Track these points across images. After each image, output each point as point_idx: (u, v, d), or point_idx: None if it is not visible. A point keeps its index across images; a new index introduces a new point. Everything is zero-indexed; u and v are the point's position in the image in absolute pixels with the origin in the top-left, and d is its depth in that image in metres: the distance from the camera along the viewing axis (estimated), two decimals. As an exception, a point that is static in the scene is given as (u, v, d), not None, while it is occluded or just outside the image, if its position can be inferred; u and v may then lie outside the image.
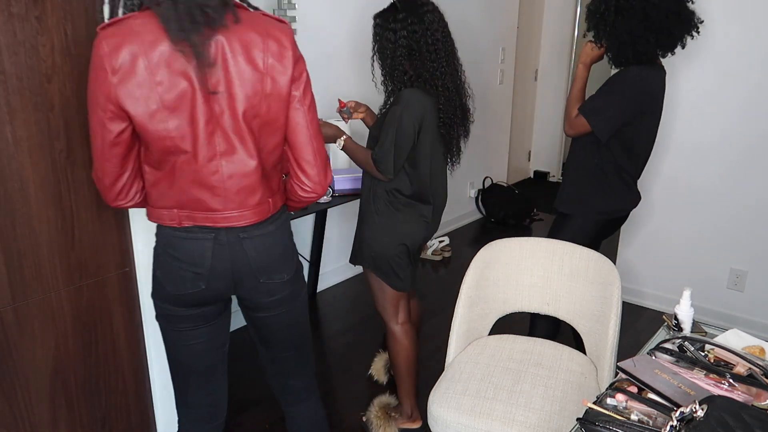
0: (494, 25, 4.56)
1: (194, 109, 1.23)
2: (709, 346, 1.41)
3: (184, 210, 1.33)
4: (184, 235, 1.35)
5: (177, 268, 1.37)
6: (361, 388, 2.60)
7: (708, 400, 1.08)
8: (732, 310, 3.00)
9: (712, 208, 2.98)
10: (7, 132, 1.42)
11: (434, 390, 1.81)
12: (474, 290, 2.01)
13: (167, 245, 1.37)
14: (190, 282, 1.37)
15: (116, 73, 1.18)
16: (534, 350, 1.95)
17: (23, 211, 1.48)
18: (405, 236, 2.04)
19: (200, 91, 1.22)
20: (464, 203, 4.74)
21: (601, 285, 1.92)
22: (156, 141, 1.25)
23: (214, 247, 1.36)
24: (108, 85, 1.19)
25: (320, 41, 3.17)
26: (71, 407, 1.66)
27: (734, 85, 2.83)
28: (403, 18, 1.87)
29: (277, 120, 1.33)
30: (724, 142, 2.90)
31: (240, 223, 1.35)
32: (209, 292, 1.40)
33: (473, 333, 2.04)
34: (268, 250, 1.42)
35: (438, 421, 1.73)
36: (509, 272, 2.09)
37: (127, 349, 1.76)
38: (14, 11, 1.37)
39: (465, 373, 1.84)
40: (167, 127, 1.23)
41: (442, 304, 3.38)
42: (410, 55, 1.89)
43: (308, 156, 1.39)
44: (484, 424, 1.66)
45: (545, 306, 2.07)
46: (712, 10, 2.77)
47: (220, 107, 1.25)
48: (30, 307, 1.53)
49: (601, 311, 1.88)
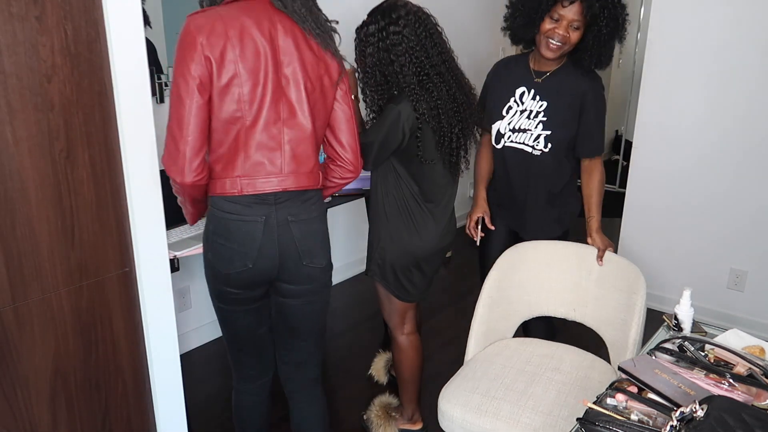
0: (494, 26, 4.55)
1: (266, 77, 1.44)
2: (709, 346, 1.41)
3: (245, 177, 1.47)
4: (236, 217, 1.49)
5: (228, 249, 1.52)
6: (361, 388, 2.60)
7: (708, 400, 1.08)
8: (732, 310, 3.00)
9: (713, 208, 2.98)
10: (7, 132, 1.41)
11: (446, 386, 1.83)
12: (496, 291, 1.99)
13: (217, 228, 1.52)
14: (239, 261, 1.52)
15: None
16: (555, 355, 1.92)
17: (23, 211, 1.47)
18: (416, 247, 1.97)
19: (272, 66, 1.44)
20: (465, 203, 4.74)
21: (626, 292, 1.89)
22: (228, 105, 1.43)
23: (264, 228, 1.50)
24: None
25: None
26: (71, 407, 1.66)
27: (735, 88, 2.83)
28: (380, 29, 1.82)
29: (326, 98, 1.55)
30: (725, 143, 2.90)
31: (295, 187, 1.51)
32: (256, 271, 1.54)
33: (495, 334, 2.02)
34: (312, 234, 1.57)
35: (445, 416, 1.75)
36: (535, 275, 2.06)
37: (127, 349, 1.75)
38: (14, 11, 1.37)
39: (479, 371, 1.84)
40: (242, 91, 1.43)
41: (443, 304, 3.38)
42: (392, 63, 1.82)
43: (349, 137, 1.61)
44: (489, 423, 1.67)
45: (571, 312, 2.04)
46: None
47: (286, 79, 1.47)
48: (30, 307, 1.53)
49: (624, 319, 1.84)
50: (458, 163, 2.02)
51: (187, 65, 1.39)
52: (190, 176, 1.45)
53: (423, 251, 1.99)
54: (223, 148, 1.47)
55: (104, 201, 1.61)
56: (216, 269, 1.56)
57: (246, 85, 1.42)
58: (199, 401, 2.51)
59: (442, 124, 1.87)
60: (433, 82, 1.84)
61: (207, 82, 1.40)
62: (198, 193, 1.54)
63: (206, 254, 1.59)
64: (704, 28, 2.86)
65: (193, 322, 2.91)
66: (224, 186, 1.49)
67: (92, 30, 1.51)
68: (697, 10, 2.87)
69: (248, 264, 1.52)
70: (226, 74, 1.40)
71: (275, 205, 1.51)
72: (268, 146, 1.47)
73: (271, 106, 1.46)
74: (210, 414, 2.43)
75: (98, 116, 1.56)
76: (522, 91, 2.11)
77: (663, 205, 3.13)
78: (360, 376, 2.68)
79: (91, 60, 1.52)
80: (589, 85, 2.06)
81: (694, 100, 2.95)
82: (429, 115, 1.84)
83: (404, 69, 1.82)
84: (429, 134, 1.87)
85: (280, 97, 1.47)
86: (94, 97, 1.54)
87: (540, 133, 2.07)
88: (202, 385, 2.63)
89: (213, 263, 1.56)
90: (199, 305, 2.90)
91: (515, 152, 2.13)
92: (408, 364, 2.17)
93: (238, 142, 1.46)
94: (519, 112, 2.11)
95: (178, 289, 2.77)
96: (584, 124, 2.07)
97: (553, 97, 2.07)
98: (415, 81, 1.82)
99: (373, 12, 1.89)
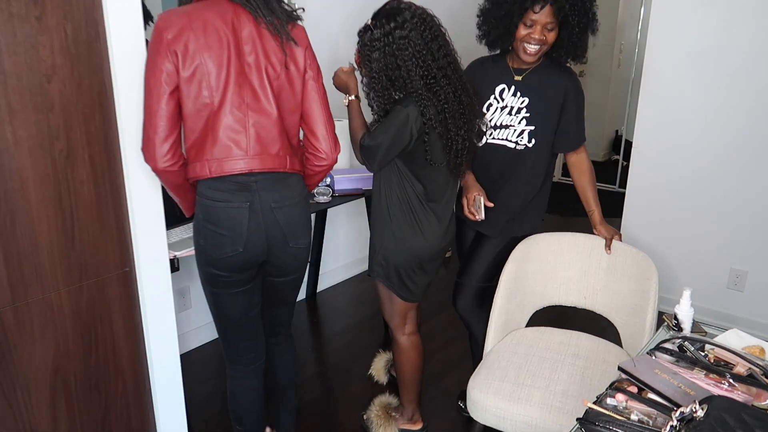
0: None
1: (229, 63, 1.54)
2: (709, 346, 1.41)
3: (214, 161, 1.57)
4: (222, 205, 1.59)
5: (218, 235, 1.61)
6: (361, 388, 2.60)
7: (708, 400, 1.08)
8: (732, 310, 3.00)
9: (713, 208, 2.98)
10: (7, 132, 1.41)
11: (474, 376, 1.88)
12: (513, 282, 2.07)
13: (206, 215, 1.61)
14: (229, 246, 1.61)
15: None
16: (571, 342, 2.01)
17: (23, 211, 1.47)
18: (420, 247, 1.96)
19: (234, 54, 1.54)
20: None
21: (638, 279, 1.97)
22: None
23: (250, 215, 1.60)
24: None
25: (320, 41, 3.17)
26: (71, 407, 1.66)
27: (735, 88, 2.83)
28: (385, 34, 1.80)
29: (293, 85, 1.64)
30: (725, 143, 2.90)
31: (261, 168, 1.59)
32: (246, 255, 1.63)
33: (511, 324, 2.10)
34: (295, 217, 1.69)
35: (477, 406, 1.80)
36: (547, 266, 2.16)
37: (127, 349, 1.75)
38: (14, 11, 1.37)
39: (504, 361, 1.91)
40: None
41: (443, 304, 3.38)
42: (399, 68, 1.80)
43: (318, 125, 1.70)
44: (523, 409, 1.73)
45: (582, 299, 2.14)
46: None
47: (249, 66, 1.56)
48: (30, 307, 1.53)
49: (638, 305, 1.93)
50: (462, 164, 2.00)
51: (154, 59, 1.50)
52: (161, 162, 1.55)
53: (427, 251, 1.98)
54: (195, 134, 1.57)
55: (104, 201, 1.61)
56: (207, 254, 1.64)
57: (212, 72, 1.53)
58: (199, 401, 2.51)
59: (449, 128, 1.86)
60: (440, 85, 1.82)
61: (173, 73, 1.50)
62: (174, 179, 1.62)
63: (198, 241, 1.66)
64: (704, 28, 2.86)
65: (193, 322, 2.91)
66: (195, 170, 1.59)
67: (92, 30, 1.51)
68: (698, 10, 2.87)
69: (238, 248, 1.61)
70: (191, 64, 1.50)
71: (258, 192, 1.61)
72: (234, 129, 1.57)
73: (235, 90, 1.55)
74: (210, 414, 2.43)
75: (98, 116, 1.56)
76: (502, 89, 2.14)
77: (663, 205, 3.13)
78: (360, 376, 2.68)
79: (91, 60, 1.52)
80: (569, 80, 2.10)
81: (694, 100, 2.95)
82: (436, 120, 1.82)
83: (411, 74, 1.79)
84: (436, 138, 1.86)
85: (244, 82, 1.57)
86: (94, 97, 1.54)
87: (524, 128, 2.09)
88: (202, 385, 2.63)
89: (204, 248, 1.64)
90: (199, 305, 2.90)
91: (497, 148, 2.15)
92: (409, 364, 2.17)
93: (207, 127, 1.56)
94: (499, 108, 2.13)
95: (178, 289, 2.77)
96: (566, 119, 2.10)
97: (535, 92, 2.09)
98: (422, 85, 1.81)
99: (376, 15, 1.85)
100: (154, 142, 1.53)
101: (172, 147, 1.56)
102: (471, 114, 1.93)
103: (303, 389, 2.60)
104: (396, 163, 1.92)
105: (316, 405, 2.50)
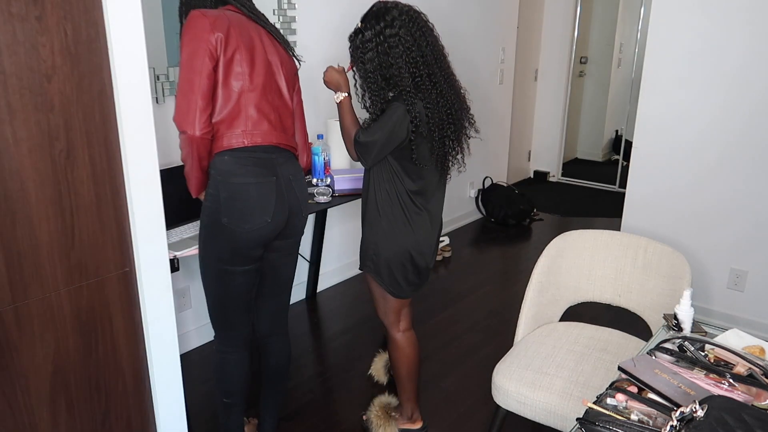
0: (494, 25, 4.55)
1: (260, 58, 1.80)
2: (709, 346, 1.41)
3: (247, 134, 1.76)
4: (253, 180, 1.76)
5: (249, 207, 1.76)
6: (361, 388, 2.60)
7: (708, 400, 1.08)
8: (732, 310, 3.00)
9: (713, 208, 2.98)
10: (7, 132, 1.41)
11: (500, 363, 1.94)
12: (545, 276, 2.11)
13: (234, 193, 1.75)
14: (259, 217, 1.77)
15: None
16: (601, 337, 2.04)
17: (23, 211, 1.47)
18: (410, 244, 1.98)
19: (262, 48, 1.80)
20: (464, 203, 4.74)
21: (672, 279, 2.00)
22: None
23: (276, 188, 1.79)
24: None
25: (320, 41, 3.17)
26: (71, 407, 1.66)
27: (735, 88, 2.83)
28: (376, 33, 1.83)
29: (294, 88, 1.93)
30: (725, 143, 2.90)
31: (285, 144, 1.84)
32: (273, 225, 1.81)
33: (543, 317, 2.14)
34: (304, 190, 1.91)
35: (500, 391, 1.86)
36: (582, 262, 2.19)
37: (127, 349, 1.75)
38: (14, 11, 1.37)
39: (530, 350, 1.96)
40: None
41: (443, 303, 3.38)
42: (391, 66, 1.83)
43: (299, 136, 1.98)
44: (543, 397, 1.78)
45: (617, 297, 2.16)
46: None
47: (273, 64, 1.83)
48: (30, 307, 1.53)
49: (670, 304, 1.95)
50: (449, 166, 2.02)
51: (202, 37, 1.67)
52: (199, 129, 1.70)
53: (416, 246, 2.00)
54: (227, 110, 1.75)
55: (104, 201, 1.61)
56: (233, 230, 1.76)
57: (245, 60, 1.74)
58: (199, 401, 2.51)
59: (433, 128, 1.88)
60: (425, 84, 1.85)
61: (215, 53, 1.69)
62: (203, 150, 1.75)
63: (219, 220, 1.77)
64: (704, 28, 2.86)
65: (193, 322, 2.91)
66: (230, 139, 1.76)
67: (92, 30, 1.51)
68: (698, 10, 2.87)
69: (267, 219, 1.78)
70: (231, 49, 1.71)
71: (279, 166, 1.81)
72: (264, 109, 1.79)
73: (266, 79, 1.80)
74: (210, 414, 2.43)
75: (98, 116, 1.56)
76: None
77: (663, 205, 3.13)
78: (360, 376, 2.68)
79: (91, 60, 1.52)
80: None
81: (694, 100, 2.95)
82: (420, 120, 1.85)
83: (402, 71, 1.83)
84: (421, 138, 1.88)
85: (271, 75, 1.82)
86: (94, 97, 1.54)
87: None
88: (202, 385, 2.63)
89: (229, 224, 1.76)
90: (199, 305, 2.90)
91: None
92: (405, 361, 2.17)
93: (240, 105, 1.76)
94: None
95: (178, 289, 2.77)
96: None
97: None
98: (410, 83, 1.83)
99: (365, 17, 1.89)
100: (195, 111, 1.69)
101: (209, 118, 1.73)
102: (458, 114, 1.94)
103: (303, 389, 2.60)
104: (387, 159, 1.94)
105: (316, 405, 2.50)
